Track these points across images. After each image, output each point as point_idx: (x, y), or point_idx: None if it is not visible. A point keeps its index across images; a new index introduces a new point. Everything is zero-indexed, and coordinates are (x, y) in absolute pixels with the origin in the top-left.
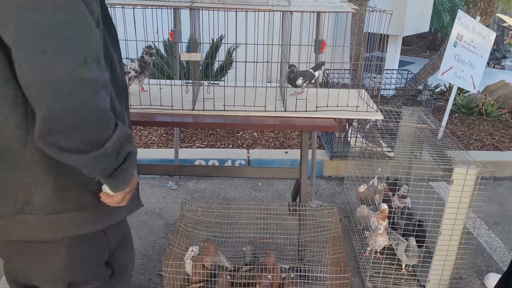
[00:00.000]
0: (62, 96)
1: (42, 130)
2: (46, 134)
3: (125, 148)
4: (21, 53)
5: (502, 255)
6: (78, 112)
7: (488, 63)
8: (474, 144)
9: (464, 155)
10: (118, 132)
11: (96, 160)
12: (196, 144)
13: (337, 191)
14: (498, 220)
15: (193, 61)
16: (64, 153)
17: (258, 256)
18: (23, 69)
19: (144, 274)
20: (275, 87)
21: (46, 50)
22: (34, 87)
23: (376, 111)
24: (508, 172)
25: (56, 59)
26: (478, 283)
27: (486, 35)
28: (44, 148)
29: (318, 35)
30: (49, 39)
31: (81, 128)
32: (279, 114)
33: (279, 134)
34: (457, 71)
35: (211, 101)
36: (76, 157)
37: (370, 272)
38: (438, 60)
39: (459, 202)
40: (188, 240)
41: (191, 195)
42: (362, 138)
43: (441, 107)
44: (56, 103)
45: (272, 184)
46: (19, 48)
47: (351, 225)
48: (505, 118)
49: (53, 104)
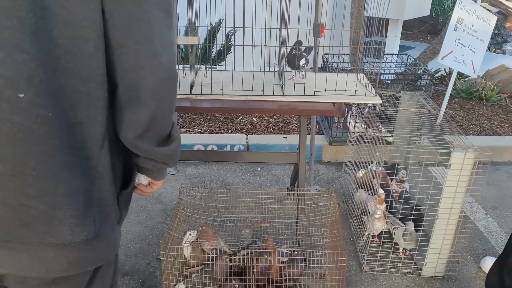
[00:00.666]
0: (166, 94)
1: (143, 129)
2: (146, 132)
3: None
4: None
5: (499, 239)
6: (171, 106)
7: (489, 47)
8: (473, 129)
9: (462, 139)
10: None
11: (177, 149)
12: (195, 129)
13: (335, 176)
14: (496, 204)
15: (191, 45)
16: (154, 147)
17: (256, 240)
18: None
19: (143, 258)
20: (273, 71)
21: (163, 51)
22: (146, 86)
23: (374, 96)
24: (507, 157)
25: (168, 58)
26: (474, 267)
27: (487, 19)
28: (139, 146)
29: (317, 18)
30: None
31: (169, 120)
32: (277, 99)
33: (278, 119)
34: (457, 56)
35: (208, 85)
36: (164, 150)
37: (367, 256)
38: (438, 45)
39: (456, 186)
40: (186, 225)
41: (190, 180)
42: (361, 123)
43: (441, 92)
44: (161, 100)
45: (271, 169)
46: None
47: (350, 209)
48: (504, 103)
49: (159, 101)
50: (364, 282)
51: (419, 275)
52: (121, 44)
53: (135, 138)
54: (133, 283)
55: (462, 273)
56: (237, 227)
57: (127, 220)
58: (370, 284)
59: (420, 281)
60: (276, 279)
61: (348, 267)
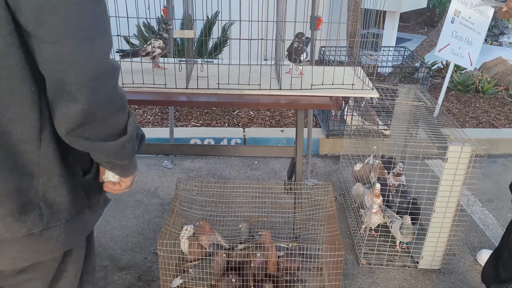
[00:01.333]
0: (98, 86)
1: (75, 124)
2: (79, 127)
3: (138, 131)
4: (59, 47)
5: (495, 231)
6: (110, 100)
7: (486, 39)
8: (470, 122)
9: (459, 132)
10: (132, 116)
11: (124, 146)
12: (192, 123)
13: (333, 170)
14: (492, 197)
15: (187, 39)
16: (95, 143)
17: (253, 234)
18: (63, 63)
19: (140, 253)
20: (269, 65)
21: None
22: (73, 80)
23: (371, 89)
24: (503, 149)
25: (95, 50)
26: (471, 260)
27: (484, 11)
28: (74, 142)
29: (314, 11)
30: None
31: (112, 116)
32: (273, 93)
33: (275, 113)
34: (454, 48)
35: (205, 79)
36: (108, 145)
37: (364, 249)
38: (435, 37)
39: (453, 179)
40: (183, 219)
41: (186, 174)
42: (358, 116)
43: (438, 85)
44: (94, 94)
45: (268, 162)
46: (59, 42)
47: (347, 203)
48: (501, 96)
49: (91, 95)
50: (361, 275)
51: (415, 268)
52: (35, 35)
53: (67, 133)
54: (130, 278)
55: (458, 266)
56: (234, 221)
57: (123, 215)
58: (367, 277)
59: (417, 274)
60: (273, 274)
61: (345, 260)
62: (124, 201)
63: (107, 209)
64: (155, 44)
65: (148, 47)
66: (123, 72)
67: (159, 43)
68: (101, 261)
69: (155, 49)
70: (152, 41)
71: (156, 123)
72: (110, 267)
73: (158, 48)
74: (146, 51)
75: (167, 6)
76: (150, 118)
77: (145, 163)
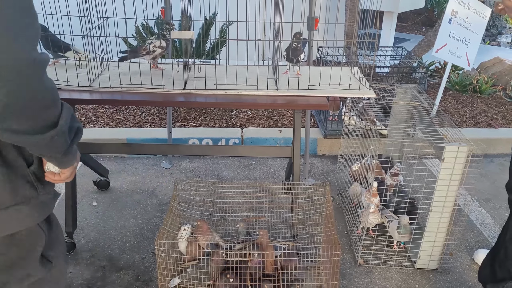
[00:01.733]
0: (21, 80)
1: None
2: (2, 120)
3: (73, 124)
4: None
5: (492, 231)
6: (35, 94)
7: (484, 39)
8: (467, 122)
9: (456, 132)
10: (65, 109)
11: (53, 139)
12: (190, 123)
13: (330, 169)
14: (490, 196)
15: (185, 40)
16: (21, 136)
17: (251, 234)
18: None
19: (138, 253)
20: (267, 65)
21: (4, 34)
22: None
23: (368, 89)
24: (500, 149)
25: (15, 43)
26: (468, 259)
27: (481, 11)
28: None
29: (311, 12)
30: (7, 23)
31: (37, 109)
32: (271, 93)
33: (273, 113)
34: (451, 48)
35: (202, 80)
36: (34, 138)
37: (362, 249)
38: (433, 37)
39: (450, 179)
40: (181, 219)
41: (185, 174)
42: (356, 116)
43: (436, 85)
44: (16, 88)
45: (266, 162)
46: None
47: (344, 203)
48: (498, 95)
49: (12, 89)
50: (358, 275)
51: (413, 267)
52: None
53: None
54: (128, 278)
55: (455, 265)
56: (232, 221)
57: (121, 215)
58: (364, 277)
59: (414, 273)
60: (270, 273)
61: (343, 260)
62: (122, 201)
63: (105, 209)
64: (155, 44)
65: (149, 46)
66: (121, 74)
67: (160, 43)
68: (99, 261)
69: (155, 48)
70: (152, 40)
71: (154, 123)
72: (108, 267)
73: (158, 48)
74: (146, 50)
75: (165, 7)
76: (148, 118)
77: (143, 163)
